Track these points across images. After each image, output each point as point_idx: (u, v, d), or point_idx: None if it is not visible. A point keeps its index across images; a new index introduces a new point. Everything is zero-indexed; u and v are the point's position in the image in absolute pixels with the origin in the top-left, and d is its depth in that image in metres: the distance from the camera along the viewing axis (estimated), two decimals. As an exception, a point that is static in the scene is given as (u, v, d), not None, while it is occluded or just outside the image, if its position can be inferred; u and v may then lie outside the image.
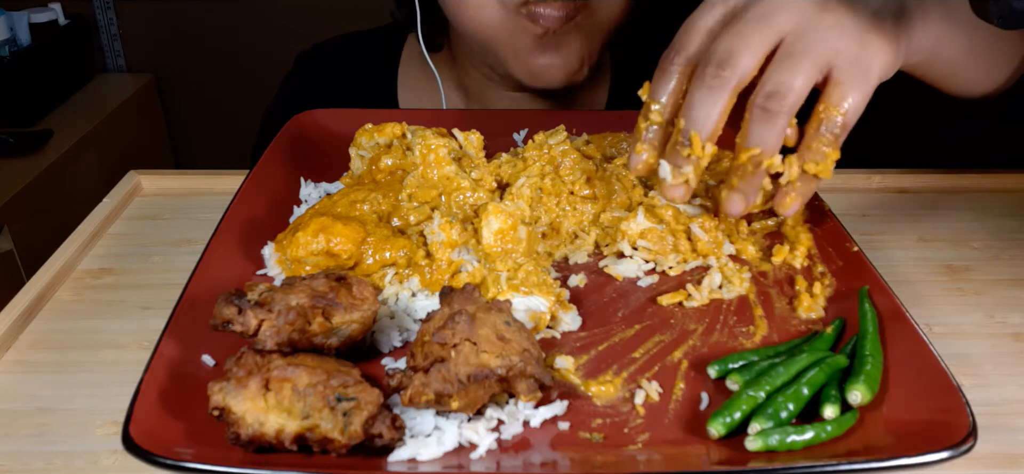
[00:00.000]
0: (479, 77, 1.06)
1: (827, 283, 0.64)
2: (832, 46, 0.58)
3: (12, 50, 1.99)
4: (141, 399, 0.49)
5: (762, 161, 0.59)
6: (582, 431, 0.51)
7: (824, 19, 0.58)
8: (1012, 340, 0.62)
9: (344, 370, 0.50)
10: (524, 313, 0.59)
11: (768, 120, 0.57)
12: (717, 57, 0.58)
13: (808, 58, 0.57)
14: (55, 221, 1.57)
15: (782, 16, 0.58)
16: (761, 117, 0.58)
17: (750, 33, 0.58)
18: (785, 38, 0.58)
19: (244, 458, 0.47)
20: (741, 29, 0.58)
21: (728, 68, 0.58)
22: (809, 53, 0.57)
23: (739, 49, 0.58)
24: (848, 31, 0.58)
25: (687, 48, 0.61)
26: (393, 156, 0.75)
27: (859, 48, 0.58)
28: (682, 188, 0.62)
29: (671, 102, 0.62)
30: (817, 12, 0.58)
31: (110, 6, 2.34)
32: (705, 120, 0.59)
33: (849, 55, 0.58)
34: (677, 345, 0.59)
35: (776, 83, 0.57)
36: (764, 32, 0.58)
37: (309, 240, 0.62)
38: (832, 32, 0.58)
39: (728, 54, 0.58)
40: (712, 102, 0.59)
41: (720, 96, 0.58)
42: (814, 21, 0.58)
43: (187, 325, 0.56)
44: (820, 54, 0.57)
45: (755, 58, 0.58)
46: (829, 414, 0.50)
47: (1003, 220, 0.78)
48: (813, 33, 0.58)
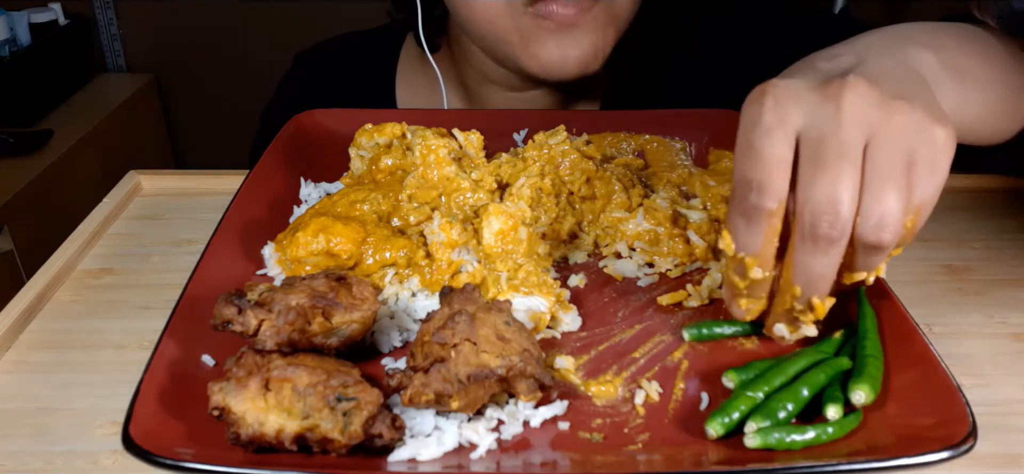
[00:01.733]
0: (478, 76, 1.06)
1: (827, 283, 0.64)
2: (908, 149, 0.52)
3: (12, 50, 1.99)
4: (141, 399, 0.49)
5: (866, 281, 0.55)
6: (582, 431, 0.51)
7: (893, 119, 0.52)
8: (1012, 340, 0.62)
9: (344, 370, 0.50)
10: (524, 313, 0.59)
11: (875, 254, 0.53)
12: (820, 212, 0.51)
13: (893, 175, 0.52)
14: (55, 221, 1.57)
15: (860, 136, 0.52)
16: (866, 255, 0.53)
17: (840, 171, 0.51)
18: (866, 154, 0.52)
19: (244, 458, 0.47)
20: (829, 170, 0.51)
21: (839, 223, 0.51)
22: (892, 169, 0.52)
23: (840, 198, 0.51)
24: (913, 128, 0.52)
25: (770, 188, 0.53)
26: (393, 156, 0.75)
27: (929, 143, 0.53)
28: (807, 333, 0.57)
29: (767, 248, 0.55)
30: (883, 113, 0.52)
31: (110, 6, 2.34)
32: (824, 283, 0.54)
33: (922, 153, 0.52)
34: (677, 345, 0.59)
35: (881, 215, 0.51)
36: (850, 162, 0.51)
37: (309, 240, 0.62)
38: (903, 135, 0.52)
39: (832, 205, 0.51)
40: (828, 264, 0.53)
41: (836, 256, 0.53)
42: (886, 125, 0.52)
43: (187, 325, 0.56)
44: (901, 165, 0.52)
45: (854, 202, 0.52)
46: (832, 415, 0.50)
47: (1003, 220, 0.78)
48: (892, 143, 0.52)
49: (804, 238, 0.52)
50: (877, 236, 0.52)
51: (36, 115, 2.05)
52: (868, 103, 0.52)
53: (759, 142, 0.53)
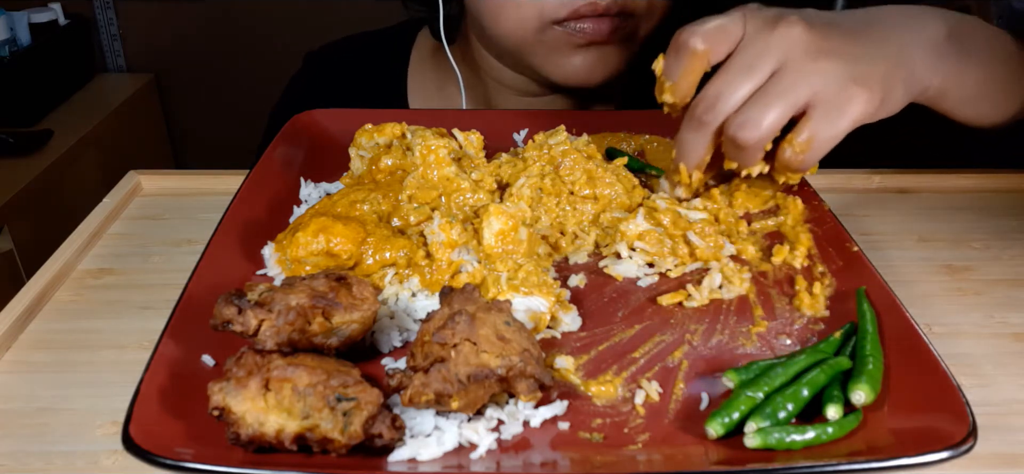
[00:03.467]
0: (491, 80, 1.06)
1: (827, 283, 0.64)
2: (811, 89, 0.63)
3: (12, 50, 1.99)
4: (141, 399, 0.49)
5: (740, 172, 0.68)
6: (582, 431, 0.51)
7: (810, 64, 0.63)
8: (1012, 340, 0.62)
9: (344, 370, 0.50)
10: (524, 313, 0.59)
11: (738, 148, 0.65)
12: (706, 100, 0.65)
13: (784, 98, 0.63)
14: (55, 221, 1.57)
15: (770, 58, 0.63)
16: (733, 145, 0.65)
17: (738, 77, 0.64)
18: (771, 75, 0.64)
19: (244, 458, 0.47)
20: (731, 74, 0.64)
21: (712, 113, 0.65)
22: (786, 94, 0.63)
23: (726, 94, 0.64)
24: (830, 76, 0.63)
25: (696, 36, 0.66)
26: (393, 156, 0.75)
27: (837, 94, 0.63)
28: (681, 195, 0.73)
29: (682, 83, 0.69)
30: (802, 56, 0.63)
31: (110, 6, 2.34)
32: (690, 155, 0.69)
33: (825, 98, 0.63)
34: (677, 345, 0.59)
35: (748, 117, 0.64)
36: (750, 76, 0.64)
37: (309, 240, 0.62)
38: (815, 76, 0.63)
39: (715, 98, 0.65)
40: (696, 141, 0.68)
41: (703, 137, 0.67)
42: (798, 64, 0.63)
43: (187, 325, 0.56)
44: (797, 96, 0.63)
45: (739, 102, 0.64)
46: (832, 415, 0.50)
47: (1003, 220, 0.78)
48: (795, 75, 0.63)
49: (688, 116, 0.68)
50: (735, 132, 0.64)
51: (36, 115, 2.05)
52: (792, 40, 0.63)
53: (710, 26, 0.66)
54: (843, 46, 0.64)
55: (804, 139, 0.64)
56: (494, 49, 1.00)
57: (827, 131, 0.64)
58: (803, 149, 0.64)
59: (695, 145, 0.68)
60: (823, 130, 0.64)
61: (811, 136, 0.64)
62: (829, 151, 0.65)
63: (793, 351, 0.57)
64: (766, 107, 0.63)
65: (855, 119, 0.64)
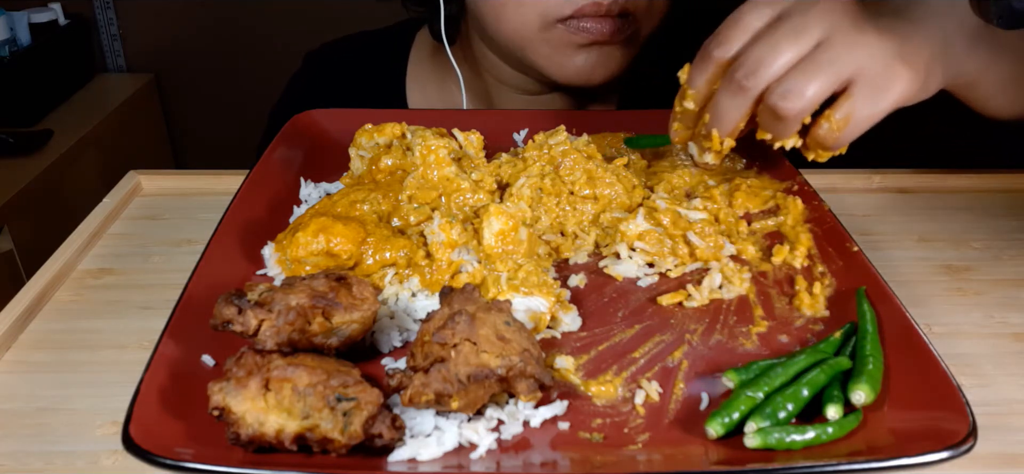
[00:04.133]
0: (492, 78, 1.06)
1: (827, 283, 0.64)
2: (856, 63, 0.61)
3: (12, 50, 1.99)
4: (141, 399, 0.49)
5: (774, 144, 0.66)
6: (582, 431, 0.51)
7: (855, 36, 0.61)
8: (1012, 340, 0.62)
9: (344, 370, 0.50)
10: (524, 313, 0.59)
11: (777, 118, 0.63)
12: (748, 65, 0.63)
13: (828, 70, 0.61)
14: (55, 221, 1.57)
15: (817, 27, 0.61)
16: (771, 115, 0.63)
17: (781, 43, 0.62)
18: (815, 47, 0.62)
19: (244, 458, 0.47)
20: (775, 40, 0.62)
21: (752, 78, 0.62)
22: (831, 65, 0.61)
23: (767, 60, 0.62)
24: (876, 52, 0.62)
25: (728, 43, 0.65)
26: (393, 156, 0.75)
27: (882, 71, 0.62)
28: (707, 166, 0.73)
29: (705, 91, 0.67)
30: (850, 29, 0.62)
31: (110, 6, 2.34)
32: (725, 121, 0.66)
33: (869, 75, 0.61)
34: (677, 345, 0.59)
35: (790, 86, 0.61)
36: (795, 43, 0.61)
37: (309, 240, 0.62)
38: (860, 50, 0.61)
39: (758, 63, 0.62)
40: (734, 107, 0.64)
41: (742, 102, 0.64)
42: (846, 36, 0.61)
43: (187, 325, 0.56)
44: (842, 69, 0.61)
45: (780, 68, 0.62)
46: (832, 415, 0.50)
47: (1003, 220, 0.78)
48: (841, 48, 0.61)
49: (727, 79, 0.65)
50: (776, 101, 0.62)
51: (36, 115, 2.05)
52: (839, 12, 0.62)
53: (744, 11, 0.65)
54: (889, 23, 0.63)
55: (842, 116, 0.63)
56: (495, 48, 1.00)
57: (867, 109, 0.62)
58: (841, 126, 0.63)
59: (732, 111, 0.65)
60: (863, 108, 0.62)
61: (850, 113, 0.63)
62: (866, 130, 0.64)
63: (793, 351, 0.57)
64: (810, 78, 0.61)
65: (896, 100, 0.63)
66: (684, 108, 0.69)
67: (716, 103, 0.66)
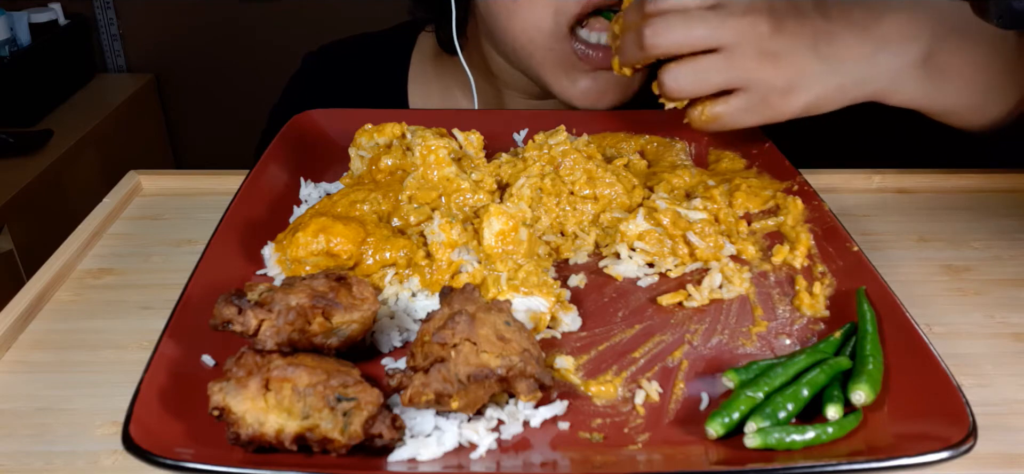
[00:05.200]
0: (500, 85, 1.06)
1: (827, 283, 0.64)
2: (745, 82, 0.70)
3: (12, 50, 1.99)
4: (141, 399, 0.49)
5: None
6: (582, 431, 0.51)
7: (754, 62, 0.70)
8: (1012, 340, 0.62)
9: (344, 370, 0.50)
10: (524, 313, 0.59)
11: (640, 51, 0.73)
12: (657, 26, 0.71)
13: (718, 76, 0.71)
14: (55, 221, 1.58)
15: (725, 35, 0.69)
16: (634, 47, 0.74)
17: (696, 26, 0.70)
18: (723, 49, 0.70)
19: (244, 458, 0.47)
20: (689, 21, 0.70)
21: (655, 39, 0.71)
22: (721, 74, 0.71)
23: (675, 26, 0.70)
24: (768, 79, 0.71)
25: None
26: (393, 156, 0.75)
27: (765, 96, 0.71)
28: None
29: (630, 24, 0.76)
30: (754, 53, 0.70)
31: (110, 6, 2.34)
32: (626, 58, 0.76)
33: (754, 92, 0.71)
34: (677, 345, 0.59)
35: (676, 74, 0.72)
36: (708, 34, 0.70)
37: (309, 240, 0.62)
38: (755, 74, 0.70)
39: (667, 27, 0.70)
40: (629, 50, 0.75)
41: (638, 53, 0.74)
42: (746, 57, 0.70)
43: (187, 325, 0.56)
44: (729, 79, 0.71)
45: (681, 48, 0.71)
46: (832, 415, 0.50)
47: (1003, 220, 0.78)
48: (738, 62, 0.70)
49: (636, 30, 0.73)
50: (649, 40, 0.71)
51: (36, 115, 2.05)
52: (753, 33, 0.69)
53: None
54: (802, 55, 0.69)
55: (714, 113, 0.72)
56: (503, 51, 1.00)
57: (738, 119, 0.72)
58: (709, 121, 0.73)
59: (629, 52, 0.75)
60: (735, 117, 0.71)
61: (721, 115, 0.72)
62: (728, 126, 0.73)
63: (793, 351, 0.57)
64: (697, 76, 0.71)
65: (769, 120, 0.71)
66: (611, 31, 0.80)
67: (622, 41, 0.76)
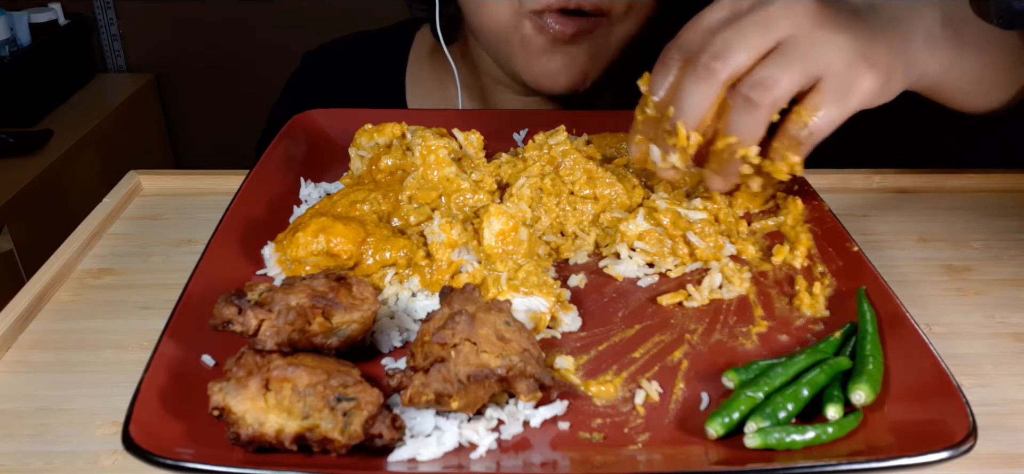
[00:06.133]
0: (489, 79, 1.06)
1: (827, 283, 0.64)
2: (824, 60, 0.60)
3: (12, 50, 1.99)
4: (141, 399, 0.49)
5: (737, 150, 0.61)
6: (582, 431, 0.51)
7: (821, 34, 0.60)
8: (1012, 340, 0.62)
9: (344, 370, 0.50)
10: (524, 314, 0.59)
11: (749, 110, 0.60)
12: (711, 50, 0.60)
13: (799, 63, 0.59)
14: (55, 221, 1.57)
15: (783, 22, 0.60)
16: (743, 106, 0.60)
17: (748, 31, 0.60)
18: (781, 43, 0.60)
19: (244, 458, 0.47)
20: (740, 27, 0.60)
21: (719, 61, 0.60)
22: (801, 60, 0.59)
23: (735, 45, 0.60)
24: (842, 50, 0.60)
25: (688, 44, 0.63)
26: (393, 156, 0.75)
27: (847, 69, 0.60)
28: (672, 171, 0.66)
29: (668, 96, 0.64)
30: (815, 26, 0.60)
31: (110, 6, 2.34)
32: (691, 110, 0.61)
33: (836, 73, 0.60)
34: (677, 345, 0.59)
35: (764, 76, 0.59)
36: (762, 33, 0.60)
37: (309, 240, 0.62)
38: (827, 47, 0.60)
39: (724, 48, 0.60)
40: (700, 93, 0.61)
41: (708, 87, 0.60)
42: (811, 33, 0.60)
43: (187, 325, 0.56)
44: (811, 63, 0.60)
45: (749, 55, 0.60)
46: (832, 415, 0.50)
47: (1003, 220, 0.78)
48: (808, 44, 0.60)
49: (692, 64, 0.61)
50: (748, 91, 0.59)
51: (36, 115, 2.04)
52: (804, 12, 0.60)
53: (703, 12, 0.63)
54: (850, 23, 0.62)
55: (812, 111, 0.60)
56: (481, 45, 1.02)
57: (835, 108, 0.61)
58: (810, 121, 0.60)
59: (698, 97, 0.61)
60: (832, 107, 0.60)
61: (819, 107, 0.60)
62: (832, 133, 0.62)
63: (793, 351, 0.57)
64: (784, 68, 0.59)
65: (862, 100, 0.61)
66: (646, 116, 0.66)
67: (680, 92, 0.62)
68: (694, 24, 0.64)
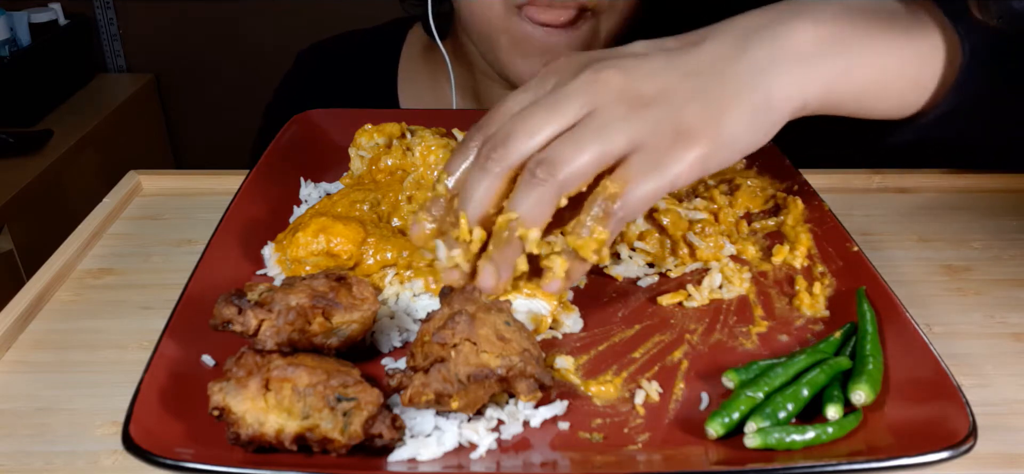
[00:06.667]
0: (482, 76, 1.06)
1: (827, 283, 0.64)
2: (627, 135, 0.53)
3: (12, 50, 1.99)
4: (141, 399, 0.49)
5: (516, 228, 0.54)
6: (582, 431, 0.51)
7: (622, 110, 0.54)
8: (1012, 340, 0.62)
9: (344, 370, 0.50)
10: (526, 315, 0.59)
11: (534, 186, 0.53)
12: (495, 140, 0.55)
13: (595, 139, 0.53)
14: (55, 221, 1.57)
15: (578, 100, 0.54)
16: (528, 182, 0.53)
17: (536, 115, 0.54)
18: (578, 122, 0.54)
19: (244, 458, 0.47)
20: (528, 112, 0.55)
21: (501, 150, 0.54)
22: (598, 135, 0.53)
23: (519, 132, 0.54)
24: (650, 125, 0.54)
25: (487, 128, 0.57)
26: (393, 156, 0.75)
27: (660, 143, 0.53)
28: (454, 272, 0.57)
29: (460, 179, 0.58)
30: (618, 99, 0.54)
31: (110, 6, 2.34)
32: (474, 201, 0.55)
33: (648, 147, 0.53)
34: (677, 345, 0.59)
35: (552, 154, 0.53)
36: (552, 114, 0.54)
37: (309, 240, 0.62)
38: (629, 123, 0.53)
39: (507, 136, 0.54)
40: (483, 184, 0.54)
41: (491, 178, 0.54)
42: (612, 108, 0.54)
43: (187, 325, 0.56)
44: (611, 139, 0.53)
45: (535, 142, 0.54)
46: (832, 415, 0.50)
47: (1003, 220, 0.78)
48: (607, 119, 0.53)
49: (476, 156, 0.56)
50: (535, 168, 0.53)
51: (36, 115, 2.04)
52: (602, 85, 0.54)
53: (508, 96, 0.58)
54: (667, 87, 0.55)
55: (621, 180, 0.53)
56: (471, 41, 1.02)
57: (651, 182, 0.53)
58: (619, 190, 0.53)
59: (481, 189, 0.54)
60: (644, 180, 0.53)
61: (628, 180, 0.53)
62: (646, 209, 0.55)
63: (793, 351, 0.57)
64: (575, 146, 0.52)
65: (683, 170, 0.53)
66: (435, 192, 0.58)
67: (465, 182, 0.56)
68: (499, 105, 0.58)
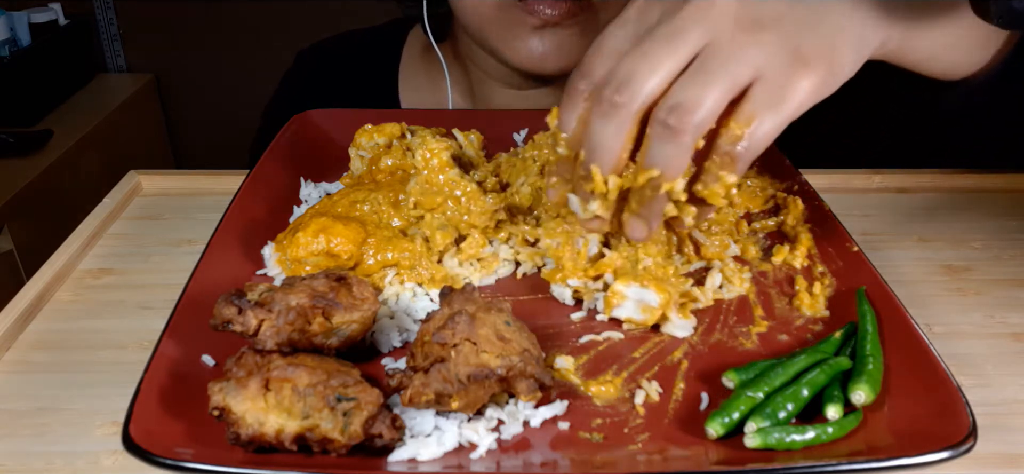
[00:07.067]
0: (480, 74, 1.06)
1: (827, 283, 0.64)
2: (750, 65, 0.51)
3: (12, 50, 1.99)
4: (141, 399, 0.49)
5: (661, 185, 0.52)
6: (582, 431, 0.51)
7: (742, 36, 0.52)
8: (1012, 340, 0.62)
9: (344, 370, 0.50)
10: (635, 304, 0.58)
11: (669, 138, 0.51)
12: (616, 81, 0.52)
13: (721, 75, 0.51)
14: (55, 221, 1.57)
15: (695, 31, 0.51)
16: (662, 135, 0.51)
17: (655, 50, 0.51)
18: (698, 54, 0.52)
19: (244, 458, 0.47)
20: (646, 48, 0.52)
21: (626, 92, 0.51)
22: (723, 70, 0.51)
23: (641, 70, 0.51)
24: (770, 51, 0.52)
25: (593, 71, 0.55)
26: (393, 156, 0.75)
27: (780, 71, 0.52)
28: (596, 222, 0.56)
29: (578, 131, 0.56)
30: (736, 28, 0.52)
31: (110, 6, 2.34)
32: (603, 151, 0.53)
33: (769, 76, 0.52)
34: (677, 345, 0.59)
35: (681, 98, 0.50)
36: (672, 49, 0.51)
37: (309, 240, 0.62)
38: (751, 50, 0.51)
39: (628, 76, 0.51)
40: (610, 132, 0.52)
41: (618, 124, 0.52)
42: (732, 37, 0.52)
43: (187, 325, 0.56)
44: (735, 73, 0.51)
45: (660, 78, 0.51)
46: (832, 415, 0.50)
47: (1003, 220, 0.78)
48: (729, 50, 0.51)
49: (596, 102, 0.53)
50: (667, 117, 0.50)
51: (36, 115, 2.04)
52: (718, 11, 0.52)
53: (605, 33, 0.55)
54: (779, 15, 0.53)
55: (746, 118, 0.51)
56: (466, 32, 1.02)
57: (773, 115, 0.51)
58: (744, 132, 0.51)
59: (608, 137, 0.52)
60: (768, 114, 0.51)
61: (753, 117, 0.51)
62: (770, 143, 0.53)
63: (793, 351, 0.57)
64: (703, 84, 0.50)
65: (802, 100, 0.52)
66: (558, 156, 0.57)
67: (589, 131, 0.53)
68: (598, 45, 0.55)
